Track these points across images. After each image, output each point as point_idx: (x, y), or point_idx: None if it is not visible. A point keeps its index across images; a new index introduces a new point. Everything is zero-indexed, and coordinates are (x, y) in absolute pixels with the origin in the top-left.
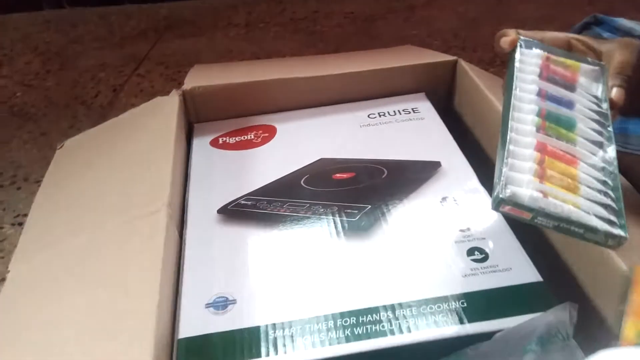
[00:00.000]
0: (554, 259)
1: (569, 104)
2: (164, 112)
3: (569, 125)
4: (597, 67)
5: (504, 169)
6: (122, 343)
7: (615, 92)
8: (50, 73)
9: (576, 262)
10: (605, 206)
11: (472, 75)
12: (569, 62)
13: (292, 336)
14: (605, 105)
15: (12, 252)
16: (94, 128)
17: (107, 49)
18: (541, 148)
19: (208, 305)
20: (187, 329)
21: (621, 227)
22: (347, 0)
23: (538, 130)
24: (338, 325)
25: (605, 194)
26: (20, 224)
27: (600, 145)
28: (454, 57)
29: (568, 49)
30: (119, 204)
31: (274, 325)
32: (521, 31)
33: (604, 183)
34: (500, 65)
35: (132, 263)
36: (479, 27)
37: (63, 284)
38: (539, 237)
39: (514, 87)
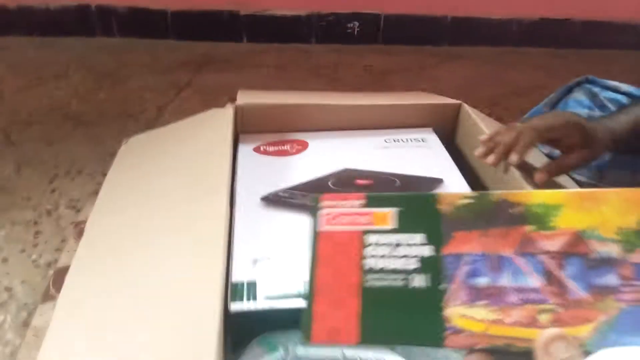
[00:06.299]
0: None
1: None
2: (220, 120)
3: None
4: None
5: None
6: (196, 281)
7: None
8: (102, 89)
9: None
10: None
11: (474, 116)
12: None
13: None
14: None
15: (67, 228)
16: (156, 129)
17: (152, 74)
18: None
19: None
20: (237, 276)
21: None
22: (366, 55)
23: None
24: None
25: None
26: (74, 207)
27: None
28: (459, 101)
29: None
30: (186, 183)
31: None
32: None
33: None
34: (497, 121)
35: (199, 223)
36: (479, 89)
37: (138, 238)
38: None
39: None
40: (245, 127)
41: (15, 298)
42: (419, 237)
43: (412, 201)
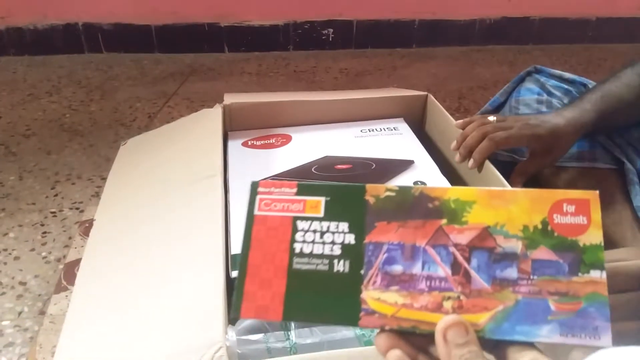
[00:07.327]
0: None
1: None
2: (210, 118)
3: None
4: None
5: None
6: (199, 254)
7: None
8: (93, 101)
9: None
10: None
11: (439, 105)
12: None
13: None
14: None
15: (72, 227)
16: (151, 131)
17: (140, 86)
18: None
19: None
20: (236, 249)
21: None
22: (342, 59)
23: None
24: None
25: None
26: (77, 209)
27: None
28: (426, 93)
29: None
30: (183, 174)
31: None
32: None
33: None
34: (465, 112)
35: (199, 207)
36: (447, 84)
37: (144, 224)
38: None
39: None
40: (233, 125)
41: (30, 291)
42: (344, 226)
43: (341, 191)
